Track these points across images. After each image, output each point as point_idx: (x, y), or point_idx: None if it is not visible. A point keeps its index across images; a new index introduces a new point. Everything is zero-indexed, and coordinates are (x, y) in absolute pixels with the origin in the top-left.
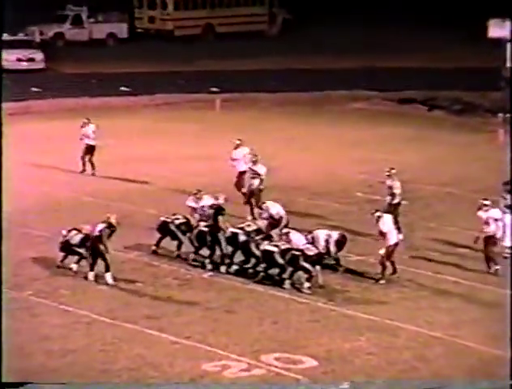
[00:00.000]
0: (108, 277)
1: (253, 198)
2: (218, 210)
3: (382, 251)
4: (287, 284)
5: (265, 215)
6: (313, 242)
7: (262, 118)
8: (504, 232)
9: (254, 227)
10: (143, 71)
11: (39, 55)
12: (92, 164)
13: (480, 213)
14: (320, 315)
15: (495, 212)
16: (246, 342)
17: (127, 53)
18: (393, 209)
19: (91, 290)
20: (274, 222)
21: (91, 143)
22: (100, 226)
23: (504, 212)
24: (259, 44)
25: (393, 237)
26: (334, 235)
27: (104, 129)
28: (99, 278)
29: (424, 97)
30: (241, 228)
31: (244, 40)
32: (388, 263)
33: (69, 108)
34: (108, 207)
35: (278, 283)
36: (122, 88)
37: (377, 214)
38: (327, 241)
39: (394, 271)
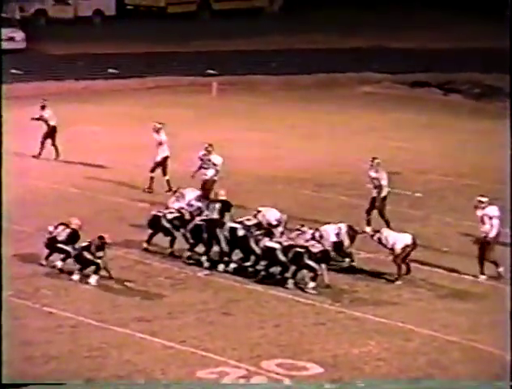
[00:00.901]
0: (93, 279)
1: (204, 189)
2: (225, 205)
3: (398, 250)
4: (290, 283)
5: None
6: (320, 240)
7: (263, 103)
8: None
9: (254, 221)
10: (133, 52)
11: (19, 34)
12: (56, 149)
13: (478, 212)
14: (326, 318)
15: (491, 210)
16: (245, 347)
17: (115, 32)
18: (380, 203)
19: (76, 290)
20: (270, 228)
21: (52, 123)
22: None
23: None
24: (259, 23)
25: (402, 241)
26: (344, 227)
27: (91, 115)
28: (85, 277)
29: (439, 80)
30: (241, 223)
31: (242, 18)
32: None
33: (52, 92)
34: (95, 200)
35: (280, 282)
36: (110, 71)
37: (377, 236)
38: (338, 235)
39: (408, 270)
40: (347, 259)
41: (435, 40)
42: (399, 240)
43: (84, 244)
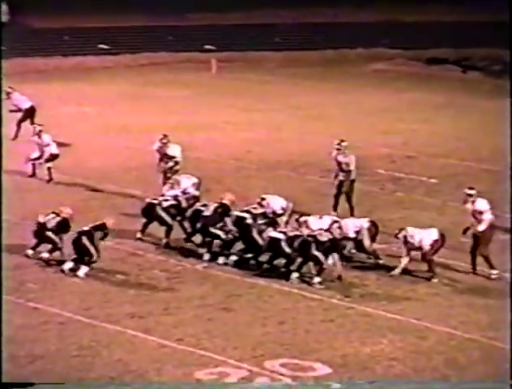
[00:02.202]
0: (83, 271)
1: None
2: (224, 211)
3: (426, 248)
4: (293, 277)
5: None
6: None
7: (266, 82)
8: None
9: (261, 210)
10: (125, 26)
11: (2, 6)
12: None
13: (468, 205)
14: (334, 314)
15: (480, 204)
16: (247, 345)
17: (106, 4)
18: (348, 187)
19: (64, 284)
20: (275, 217)
21: (27, 105)
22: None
23: None
24: None
25: (429, 237)
26: (365, 224)
27: (80, 94)
28: (77, 268)
29: (456, 56)
30: (248, 211)
31: None
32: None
33: (38, 69)
34: (84, 187)
35: (284, 275)
36: (101, 46)
37: (402, 234)
38: (358, 233)
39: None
40: (372, 258)
41: (451, 12)
42: (426, 236)
43: (85, 228)
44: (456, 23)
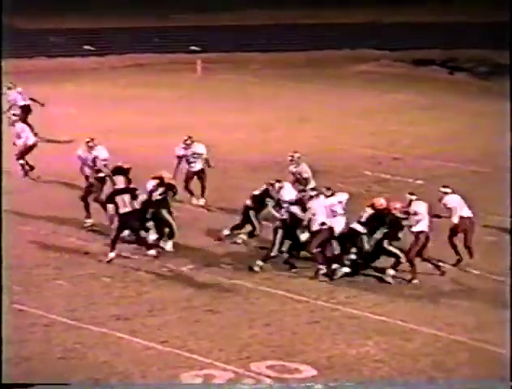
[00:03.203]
0: (170, 245)
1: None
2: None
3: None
4: (390, 273)
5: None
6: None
7: (252, 83)
8: None
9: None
10: (110, 27)
11: None
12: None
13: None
14: (320, 315)
15: (449, 199)
16: (233, 347)
17: (91, 5)
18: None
19: (49, 286)
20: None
21: (23, 103)
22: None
23: None
24: None
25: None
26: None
27: (66, 95)
28: (62, 271)
29: (443, 57)
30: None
31: None
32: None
33: (23, 70)
34: (72, 188)
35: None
36: (86, 47)
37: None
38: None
39: (438, 269)
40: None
41: (438, 13)
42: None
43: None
44: (443, 24)
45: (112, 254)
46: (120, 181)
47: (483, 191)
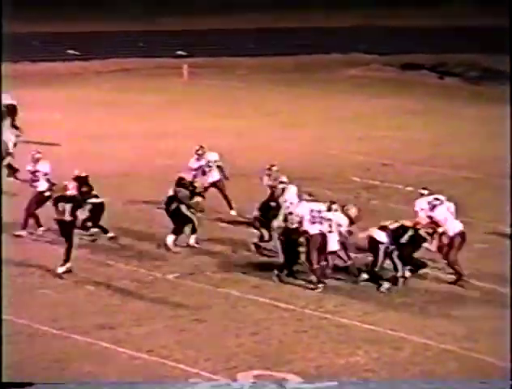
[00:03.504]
0: (193, 239)
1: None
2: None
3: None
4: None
5: None
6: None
7: (239, 88)
8: None
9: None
10: (95, 31)
11: None
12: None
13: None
14: (308, 324)
15: (418, 202)
16: (220, 357)
17: (75, 9)
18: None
19: (32, 295)
20: None
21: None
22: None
23: None
24: None
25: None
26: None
27: (49, 101)
28: (45, 279)
29: (433, 62)
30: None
31: None
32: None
33: (6, 75)
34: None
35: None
36: (70, 51)
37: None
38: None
39: (459, 276)
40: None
41: (428, 17)
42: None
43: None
44: (433, 28)
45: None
46: (73, 188)
47: (474, 198)
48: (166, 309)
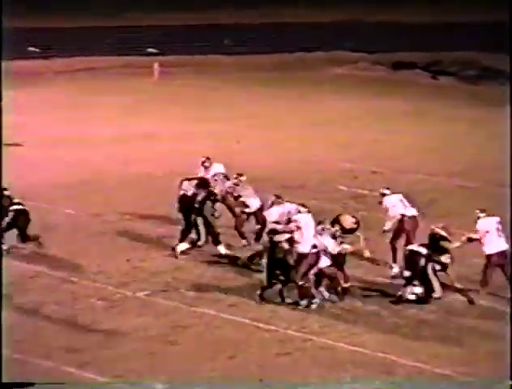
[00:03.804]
0: (222, 249)
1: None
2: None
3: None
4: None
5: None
6: None
7: (215, 88)
8: None
9: None
10: (57, 27)
11: None
12: None
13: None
14: (291, 347)
15: (387, 200)
16: (193, 382)
17: (35, 2)
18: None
19: None
20: None
21: None
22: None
23: None
24: None
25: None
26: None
27: (7, 102)
28: (5, 298)
29: (426, 60)
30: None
31: None
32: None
33: None
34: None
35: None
36: (30, 49)
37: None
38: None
39: (485, 282)
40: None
41: (421, 12)
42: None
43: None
44: (426, 24)
45: None
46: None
47: (470, 208)
48: (136, 331)
